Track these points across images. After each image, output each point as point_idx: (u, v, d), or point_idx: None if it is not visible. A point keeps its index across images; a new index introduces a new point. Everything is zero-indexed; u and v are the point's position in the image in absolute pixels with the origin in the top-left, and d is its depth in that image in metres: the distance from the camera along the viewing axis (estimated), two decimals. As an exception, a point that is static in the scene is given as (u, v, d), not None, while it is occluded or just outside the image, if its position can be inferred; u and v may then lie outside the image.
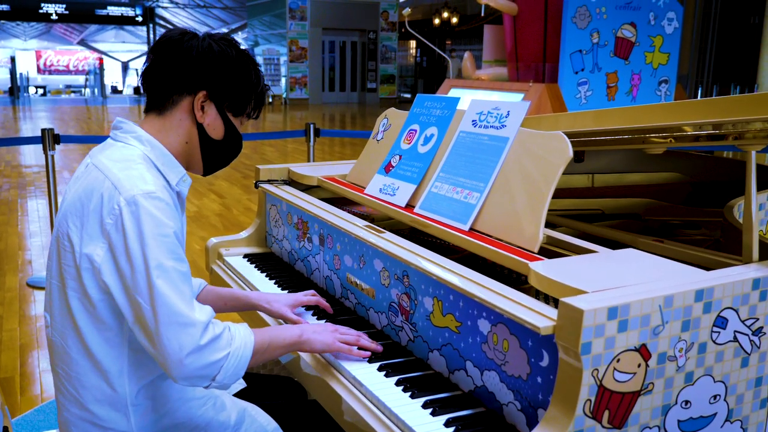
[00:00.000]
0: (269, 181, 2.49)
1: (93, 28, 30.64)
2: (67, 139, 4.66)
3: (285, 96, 21.22)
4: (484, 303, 1.33)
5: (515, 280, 1.69)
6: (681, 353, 1.22)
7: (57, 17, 24.78)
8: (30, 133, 12.76)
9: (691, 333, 1.22)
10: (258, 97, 1.55)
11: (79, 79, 31.58)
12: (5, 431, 1.61)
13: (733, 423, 1.32)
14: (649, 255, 1.44)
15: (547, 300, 1.48)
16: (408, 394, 1.43)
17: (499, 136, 1.71)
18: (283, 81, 21.31)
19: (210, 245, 2.47)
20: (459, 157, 1.80)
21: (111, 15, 25.82)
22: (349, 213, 2.06)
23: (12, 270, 4.74)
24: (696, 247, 1.60)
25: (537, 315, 1.22)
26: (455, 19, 21.33)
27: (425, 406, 1.38)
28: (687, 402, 1.25)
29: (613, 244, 1.68)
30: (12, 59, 23.04)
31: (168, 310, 1.28)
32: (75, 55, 34.34)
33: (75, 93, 28.90)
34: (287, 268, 2.31)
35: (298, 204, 2.18)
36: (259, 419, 1.62)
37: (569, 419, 1.13)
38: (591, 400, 1.14)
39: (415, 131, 2.05)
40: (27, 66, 30.49)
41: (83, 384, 1.41)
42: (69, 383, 1.43)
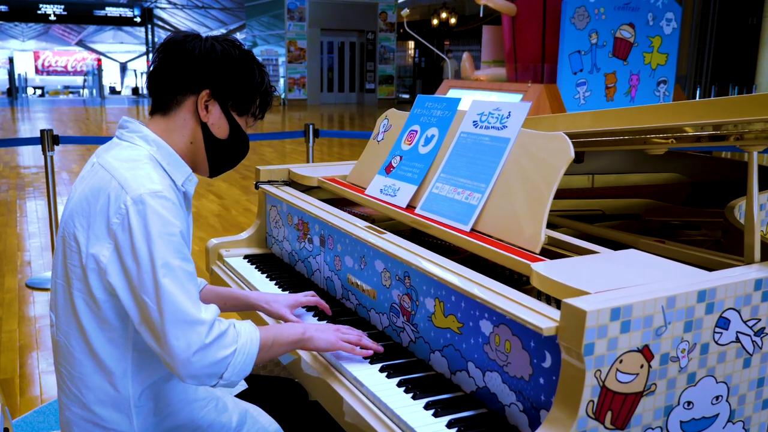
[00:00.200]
0: (269, 182, 2.48)
1: (91, 28, 30.62)
2: (66, 140, 4.65)
3: (283, 97, 21.22)
4: (486, 304, 1.33)
5: (516, 281, 1.70)
6: (683, 354, 1.22)
7: (55, 18, 24.74)
8: (28, 134, 12.74)
9: (694, 334, 1.22)
10: (263, 96, 1.55)
11: (78, 80, 31.57)
12: (6, 433, 1.61)
13: (735, 424, 1.32)
14: (651, 255, 1.45)
15: (549, 301, 1.48)
16: (410, 395, 1.43)
17: (501, 136, 1.71)
18: (282, 82, 21.30)
19: (210, 246, 2.46)
20: (460, 158, 1.80)
21: (109, 16, 25.78)
22: (350, 214, 2.06)
23: (11, 271, 4.73)
24: (697, 248, 1.60)
25: (539, 316, 1.22)
26: (454, 20, 21.34)
27: (427, 407, 1.38)
28: (689, 403, 1.25)
29: (615, 244, 1.68)
30: (10, 60, 22.97)
31: (174, 308, 1.28)
32: (73, 56, 34.32)
33: (73, 94, 28.88)
34: (288, 269, 2.31)
35: (298, 205, 2.18)
36: (261, 420, 1.62)
37: (572, 420, 1.13)
38: (594, 401, 1.14)
39: (416, 132, 2.04)
40: (25, 67, 30.48)
41: (86, 384, 1.41)
42: (72, 383, 1.43)
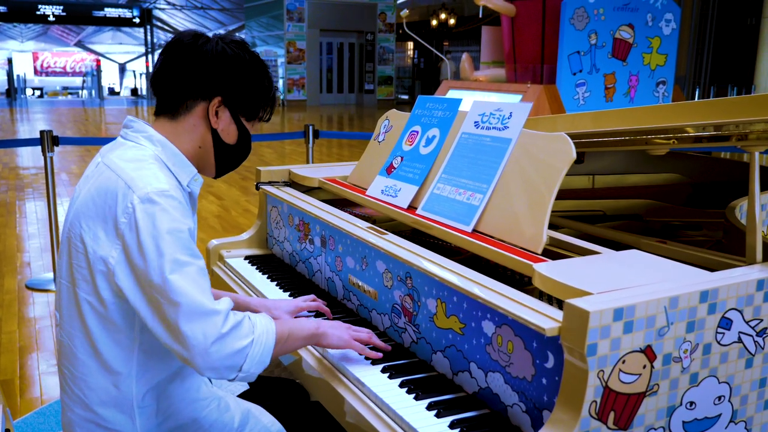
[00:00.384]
0: (270, 183, 2.48)
1: (90, 29, 30.61)
2: (66, 141, 4.65)
3: (282, 97, 21.21)
4: (488, 305, 1.33)
5: (518, 281, 1.69)
6: (686, 354, 1.22)
7: (54, 19, 24.70)
8: (27, 135, 12.74)
9: (696, 334, 1.22)
10: (271, 101, 1.57)
11: (76, 81, 31.55)
12: (7, 434, 1.60)
13: (738, 424, 1.33)
14: (653, 256, 1.45)
15: (551, 301, 1.48)
16: (412, 395, 1.43)
17: (502, 137, 1.71)
18: (281, 82, 21.30)
19: (211, 247, 2.46)
20: (461, 159, 1.80)
21: (108, 16, 25.75)
22: (351, 215, 2.06)
23: (11, 272, 4.73)
24: (699, 248, 1.60)
25: (542, 316, 1.22)
26: (453, 21, 21.34)
27: (430, 407, 1.38)
28: (692, 403, 1.25)
29: (616, 245, 1.68)
30: (9, 61, 22.95)
31: (187, 301, 1.27)
32: (72, 57, 34.30)
33: (72, 95, 28.87)
34: (289, 269, 2.30)
35: (299, 205, 2.18)
36: (263, 420, 1.62)
37: (575, 420, 1.13)
38: (596, 401, 1.14)
39: (417, 132, 2.04)
40: (24, 68, 30.44)
41: (89, 385, 1.41)
42: (74, 384, 1.43)
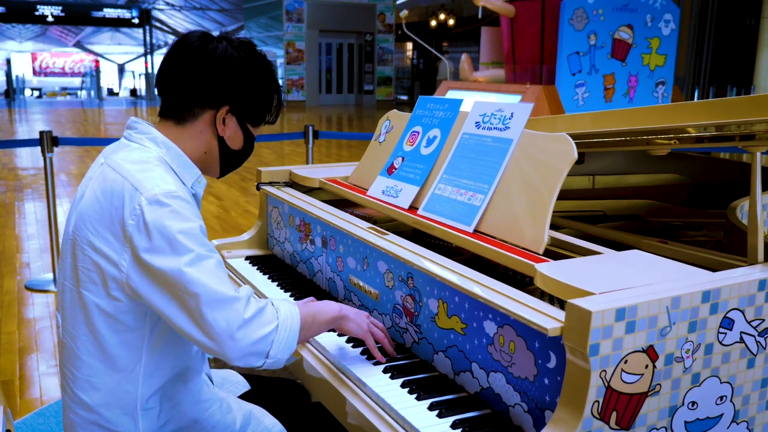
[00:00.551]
0: (271, 183, 2.48)
1: (89, 30, 30.59)
2: (66, 142, 4.64)
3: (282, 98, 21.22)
4: (490, 305, 1.33)
5: (519, 281, 1.70)
6: (688, 354, 1.22)
7: (53, 19, 24.69)
8: (26, 136, 12.73)
9: (698, 334, 1.22)
10: (277, 105, 1.57)
11: (75, 82, 31.54)
12: (8, 434, 1.60)
13: (740, 424, 1.33)
14: (655, 256, 1.45)
15: (552, 301, 1.48)
16: (414, 396, 1.43)
17: (503, 137, 1.71)
18: (280, 83, 21.31)
19: (211, 247, 2.46)
20: (462, 159, 1.80)
21: (107, 17, 25.74)
22: (351, 215, 2.06)
23: (10, 273, 4.73)
24: (700, 248, 1.60)
25: (544, 316, 1.22)
26: (452, 21, 21.35)
27: (431, 407, 1.38)
28: (694, 403, 1.25)
29: (617, 245, 1.68)
30: (8, 61, 22.95)
31: (206, 290, 1.27)
32: (71, 57, 34.28)
33: (71, 95, 28.85)
34: (289, 270, 2.30)
35: (300, 206, 2.18)
36: (265, 421, 1.62)
37: (577, 421, 1.13)
38: (599, 401, 1.14)
39: (418, 133, 2.04)
40: (23, 68, 30.42)
41: (93, 386, 1.40)
42: (77, 386, 1.42)
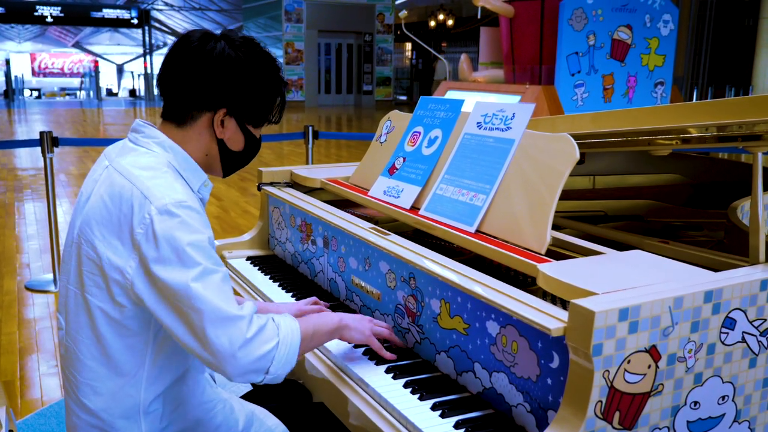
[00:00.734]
0: (272, 184, 2.48)
1: (88, 30, 30.59)
2: (66, 142, 4.64)
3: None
4: (493, 305, 1.33)
5: (520, 282, 1.70)
6: (690, 354, 1.22)
7: (52, 20, 24.69)
8: (25, 136, 12.72)
9: (701, 334, 1.23)
10: (280, 104, 1.52)
11: (74, 82, 31.53)
12: (11, 435, 1.60)
13: (741, 424, 1.33)
14: (656, 256, 1.45)
15: (554, 301, 1.49)
16: (416, 396, 1.43)
17: (505, 138, 1.71)
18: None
19: (212, 248, 2.46)
20: (464, 159, 1.81)
21: (106, 17, 25.74)
22: (353, 215, 2.06)
23: (10, 273, 4.73)
24: (702, 249, 1.60)
25: (547, 317, 1.22)
26: (451, 22, 21.36)
27: (434, 408, 1.38)
28: (696, 403, 1.25)
29: (619, 245, 1.69)
30: (7, 62, 22.94)
31: (211, 308, 1.27)
32: (70, 58, 34.27)
33: (70, 95, 28.83)
34: (291, 270, 2.31)
35: (301, 206, 2.18)
36: (268, 422, 1.62)
37: (580, 420, 1.13)
38: (602, 401, 1.14)
39: (419, 133, 2.05)
40: (22, 69, 30.39)
41: (96, 391, 1.39)
42: (79, 389, 1.41)
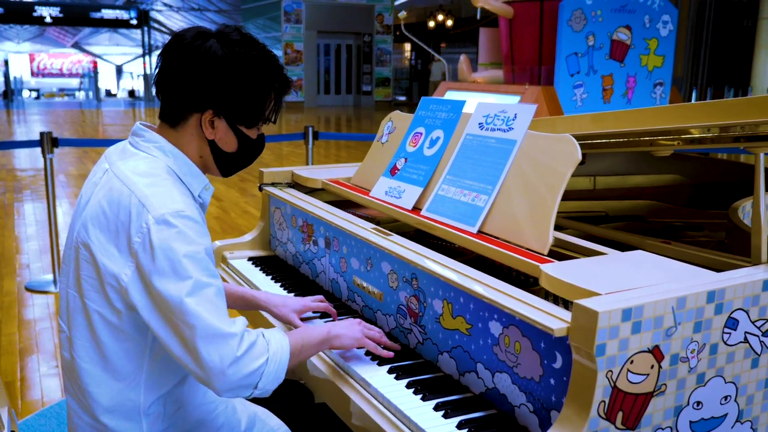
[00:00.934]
0: (273, 184, 2.49)
1: (87, 31, 30.53)
2: (66, 143, 4.64)
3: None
4: (496, 305, 1.34)
5: (522, 282, 1.70)
6: (693, 354, 1.22)
7: (51, 20, 24.66)
8: (25, 137, 12.70)
9: (703, 334, 1.23)
10: (277, 101, 1.46)
11: (73, 83, 31.48)
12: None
13: (744, 424, 1.33)
14: (659, 257, 1.45)
15: (556, 302, 1.49)
16: (419, 396, 1.43)
17: (507, 138, 1.72)
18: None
19: (213, 248, 2.46)
20: (466, 160, 1.81)
21: (105, 18, 25.70)
22: (354, 216, 2.06)
23: (9, 274, 4.72)
24: (704, 249, 1.61)
25: (550, 317, 1.22)
26: (450, 22, 21.36)
27: (437, 408, 1.38)
28: (699, 403, 1.25)
29: (620, 245, 1.69)
30: (5, 62, 22.93)
31: (204, 324, 1.26)
32: (69, 58, 34.21)
33: (69, 96, 28.80)
34: (292, 271, 2.31)
35: (303, 207, 2.18)
36: (270, 423, 1.62)
37: (584, 421, 1.13)
38: (605, 401, 1.14)
39: (421, 134, 2.05)
40: (20, 69, 30.35)
41: (95, 394, 1.39)
42: (80, 392, 1.41)
